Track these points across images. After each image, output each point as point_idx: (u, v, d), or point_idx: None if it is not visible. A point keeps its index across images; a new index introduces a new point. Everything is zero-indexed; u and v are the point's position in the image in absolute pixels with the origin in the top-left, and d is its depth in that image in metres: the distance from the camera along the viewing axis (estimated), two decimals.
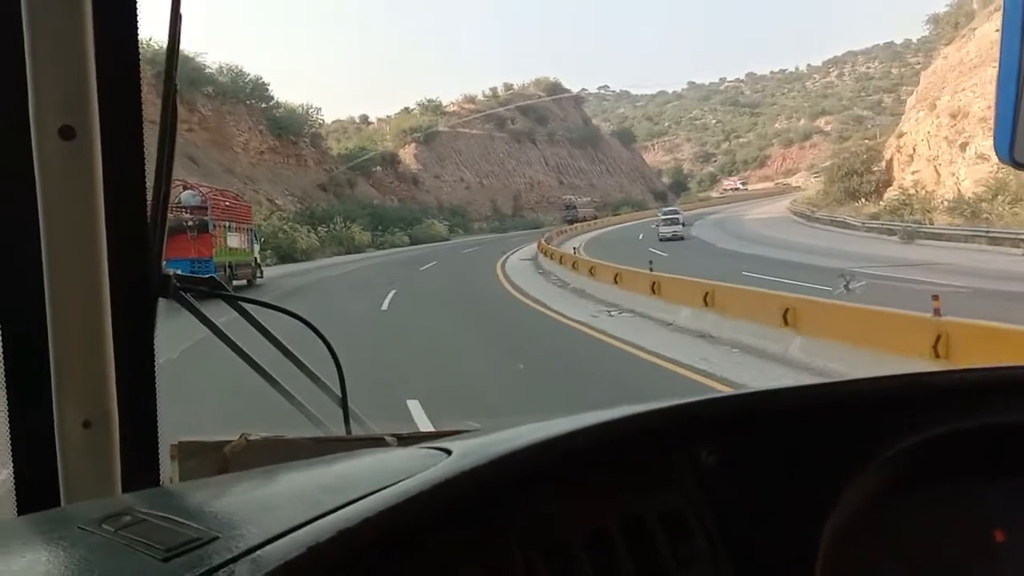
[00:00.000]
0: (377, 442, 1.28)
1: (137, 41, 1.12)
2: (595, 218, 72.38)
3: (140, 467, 1.15)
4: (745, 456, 0.80)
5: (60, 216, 1.06)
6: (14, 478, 1.10)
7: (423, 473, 0.67)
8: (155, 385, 1.18)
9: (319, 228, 45.23)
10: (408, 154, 72.40)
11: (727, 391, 0.90)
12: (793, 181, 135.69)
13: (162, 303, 1.19)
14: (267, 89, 57.65)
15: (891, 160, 47.15)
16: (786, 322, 9.92)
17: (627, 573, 0.71)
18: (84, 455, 1.09)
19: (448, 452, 0.74)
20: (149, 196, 1.16)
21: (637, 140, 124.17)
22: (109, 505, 0.77)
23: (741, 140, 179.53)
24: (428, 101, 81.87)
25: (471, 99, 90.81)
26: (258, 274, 26.97)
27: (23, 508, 1.08)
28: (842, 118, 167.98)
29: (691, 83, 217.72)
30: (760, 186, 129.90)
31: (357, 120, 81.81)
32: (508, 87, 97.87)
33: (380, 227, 52.85)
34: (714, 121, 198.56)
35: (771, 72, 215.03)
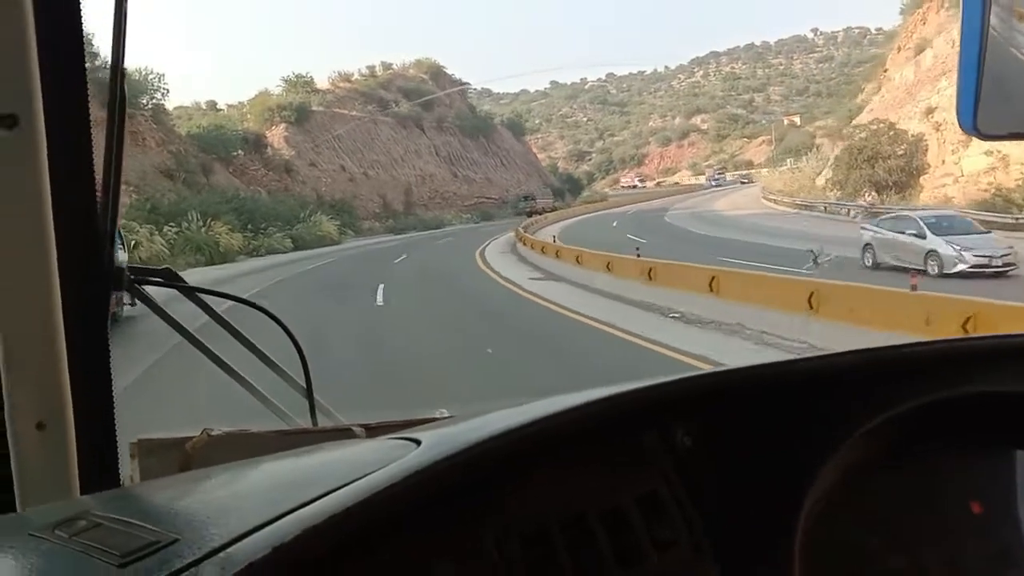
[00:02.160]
0: (344, 433, 1.27)
1: (81, 27, 1.09)
2: (553, 209, 64.81)
3: (98, 468, 1.12)
4: (721, 435, 0.79)
5: (4, 208, 1.03)
6: None
7: (391, 465, 0.66)
8: (111, 381, 1.15)
9: (165, 228, 31.40)
10: (277, 136, 58.17)
11: (702, 369, 0.88)
12: (679, 179, 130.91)
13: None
14: (90, 43, 42.19)
15: (920, 142, 37.57)
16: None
17: (605, 558, 0.69)
18: (39, 457, 1.06)
19: (417, 442, 0.72)
20: (98, 185, 1.12)
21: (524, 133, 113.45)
22: (65, 509, 0.74)
23: (616, 138, 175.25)
24: (297, 76, 67.48)
25: (346, 77, 77.08)
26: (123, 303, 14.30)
27: None
28: (717, 116, 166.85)
29: (554, 82, 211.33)
30: (673, 180, 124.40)
31: (204, 106, 66.01)
32: (387, 66, 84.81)
33: (251, 226, 39.06)
34: (585, 119, 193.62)
35: (630, 73, 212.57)
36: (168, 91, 53.60)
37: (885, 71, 55.45)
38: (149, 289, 1.26)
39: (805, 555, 0.74)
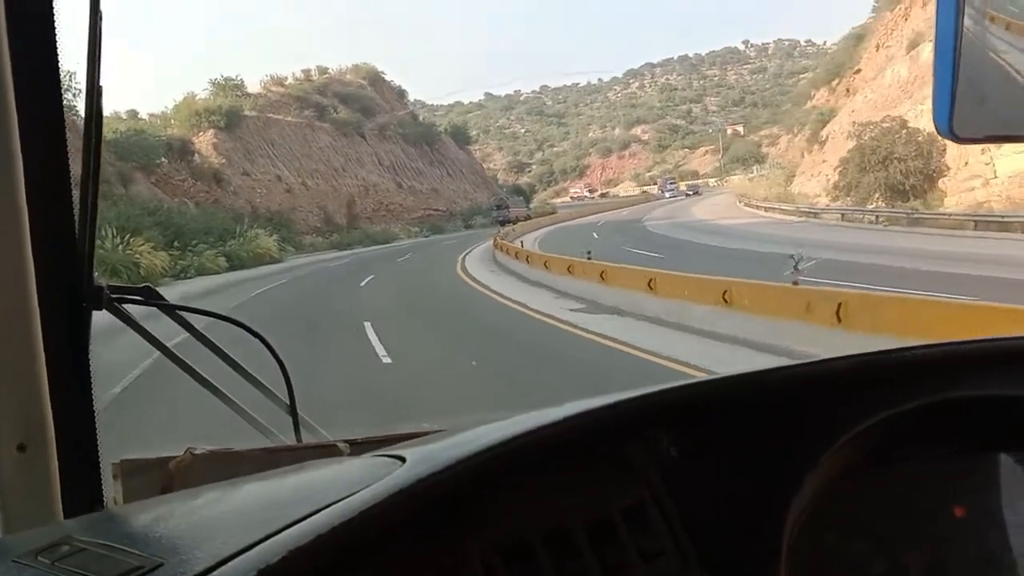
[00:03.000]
0: (329, 449, 1.26)
1: (55, 43, 1.09)
2: (528, 218, 60.32)
3: (81, 489, 1.12)
4: (707, 444, 0.78)
5: None
6: None
7: (376, 484, 0.65)
8: (92, 402, 1.15)
9: None
10: (205, 143, 52.32)
11: (686, 379, 0.88)
12: (622, 190, 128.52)
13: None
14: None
15: (936, 142, 33.49)
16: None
17: (591, 571, 0.69)
18: (20, 481, 1.06)
19: (402, 459, 0.72)
20: (76, 204, 1.12)
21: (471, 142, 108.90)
22: (47, 534, 0.74)
23: (555, 149, 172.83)
24: (225, 79, 61.60)
25: (279, 81, 71.35)
26: None
27: None
28: (657, 127, 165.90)
29: (488, 94, 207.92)
30: (617, 191, 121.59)
31: (124, 115, 59.35)
32: (323, 70, 79.29)
33: (178, 243, 33.55)
34: (523, 130, 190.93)
35: (564, 85, 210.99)
36: (80, 91, 47.22)
37: (857, 71, 52.84)
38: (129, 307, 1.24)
39: (791, 563, 0.75)
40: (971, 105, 0.84)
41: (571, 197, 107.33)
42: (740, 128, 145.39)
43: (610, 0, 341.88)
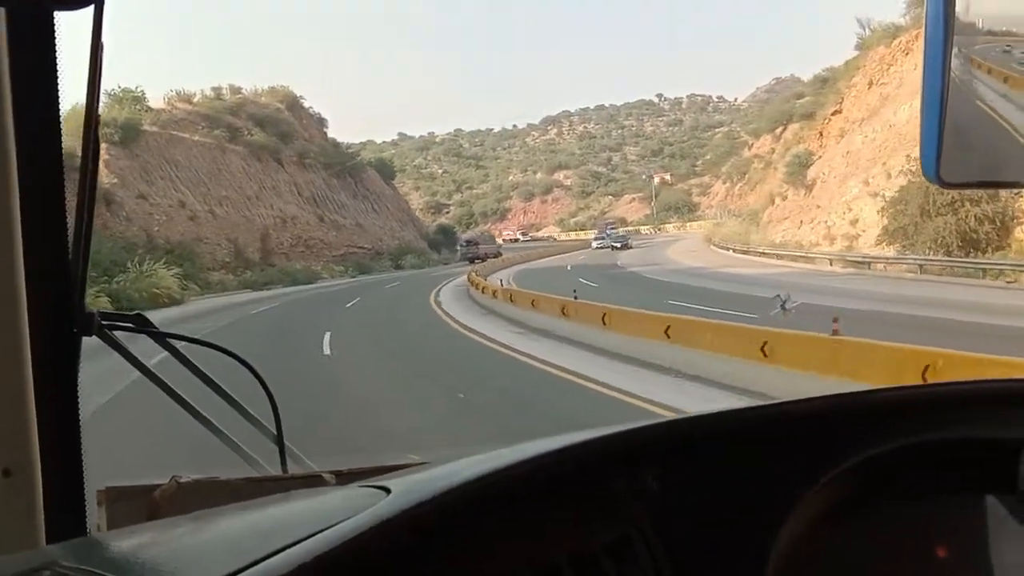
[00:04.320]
0: (315, 480, 1.27)
1: (56, 66, 1.10)
2: (497, 255, 58.96)
3: (65, 516, 1.12)
4: (691, 481, 0.79)
5: None
6: None
7: (360, 514, 0.65)
8: (79, 429, 1.15)
9: None
10: None
11: (671, 416, 0.89)
12: (544, 234, 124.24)
13: None
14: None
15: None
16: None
17: None
18: (5, 505, 1.06)
19: (387, 490, 0.72)
20: (70, 230, 1.12)
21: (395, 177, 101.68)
22: (31, 559, 0.74)
23: (475, 191, 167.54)
24: (123, 90, 52.90)
25: (187, 98, 62.91)
26: None
27: None
28: (580, 172, 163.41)
29: (401, 134, 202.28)
30: (554, 234, 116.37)
31: None
32: (236, 90, 71.24)
33: None
34: (440, 171, 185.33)
35: (479, 129, 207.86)
36: None
37: (835, 113, 48.95)
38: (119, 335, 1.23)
39: None
40: (958, 151, 0.85)
41: (503, 240, 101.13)
42: (667, 176, 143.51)
43: (526, 48, 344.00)
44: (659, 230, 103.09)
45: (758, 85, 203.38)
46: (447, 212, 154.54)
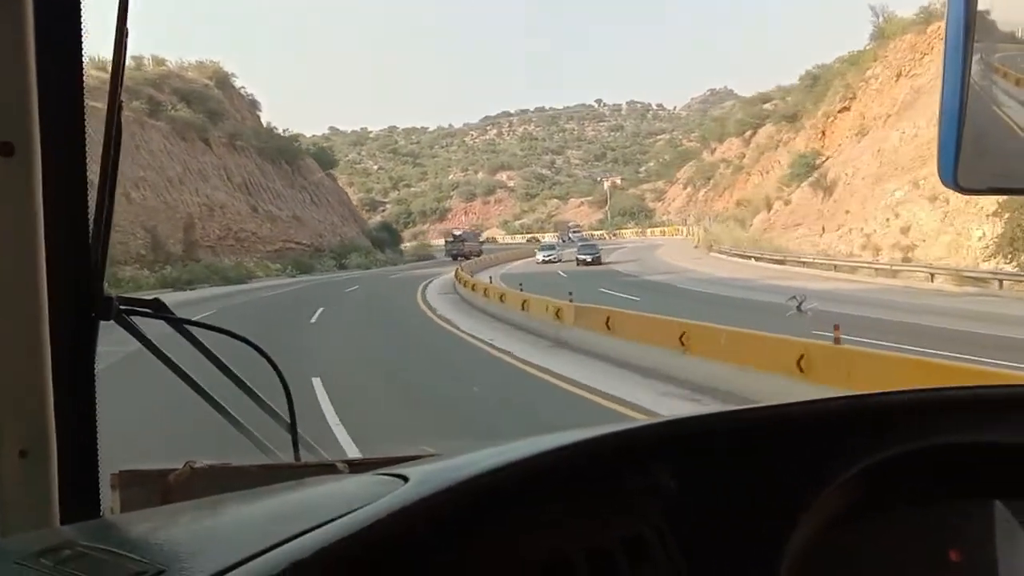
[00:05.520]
0: (328, 469, 1.26)
1: (82, 57, 1.11)
2: (479, 253, 59.43)
3: (80, 498, 1.13)
4: (706, 478, 0.79)
5: None
6: None
7: (381, 500, 0.65)
8: (95, 412, 1.16)
9: None
10: None
11: (687, 413, 0.87)
12: (491, 235, 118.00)
13: None
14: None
15: None
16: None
17: None
18: (21, 485, 1.07)
19: (405, 479, 0.72)
20: (91, 215, 1.14)
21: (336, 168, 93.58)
22: (48, 537, 0.75)
23: (413, 190, 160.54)
24: None
25: (101, 64, 53.47)
26: None
27: None
28: (524, 174, 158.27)
29: (333, 128, 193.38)
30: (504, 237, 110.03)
31: None
32: (160, 61, 62.96)
33: None
34: (375, 167, 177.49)
35: (415, 127, 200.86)
36: None
37: (843, 110, 44.07)
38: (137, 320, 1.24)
39: None
40: (976, 157, 0.85)
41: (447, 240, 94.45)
42: (618, 180, 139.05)
43: (464, 46, 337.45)
44: (615, 236, 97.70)
45: (692, 96, 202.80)
46: (383, 210, 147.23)
